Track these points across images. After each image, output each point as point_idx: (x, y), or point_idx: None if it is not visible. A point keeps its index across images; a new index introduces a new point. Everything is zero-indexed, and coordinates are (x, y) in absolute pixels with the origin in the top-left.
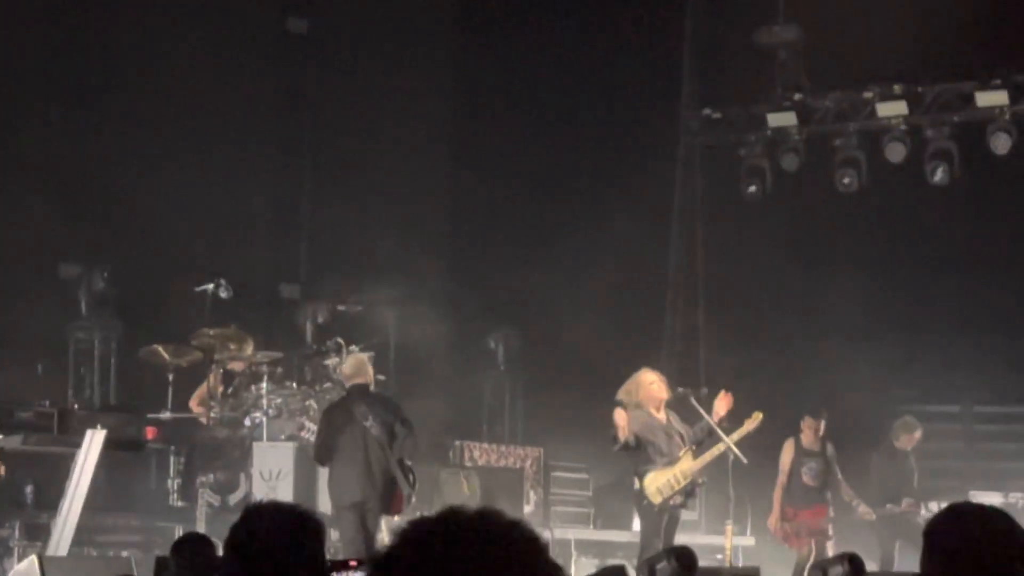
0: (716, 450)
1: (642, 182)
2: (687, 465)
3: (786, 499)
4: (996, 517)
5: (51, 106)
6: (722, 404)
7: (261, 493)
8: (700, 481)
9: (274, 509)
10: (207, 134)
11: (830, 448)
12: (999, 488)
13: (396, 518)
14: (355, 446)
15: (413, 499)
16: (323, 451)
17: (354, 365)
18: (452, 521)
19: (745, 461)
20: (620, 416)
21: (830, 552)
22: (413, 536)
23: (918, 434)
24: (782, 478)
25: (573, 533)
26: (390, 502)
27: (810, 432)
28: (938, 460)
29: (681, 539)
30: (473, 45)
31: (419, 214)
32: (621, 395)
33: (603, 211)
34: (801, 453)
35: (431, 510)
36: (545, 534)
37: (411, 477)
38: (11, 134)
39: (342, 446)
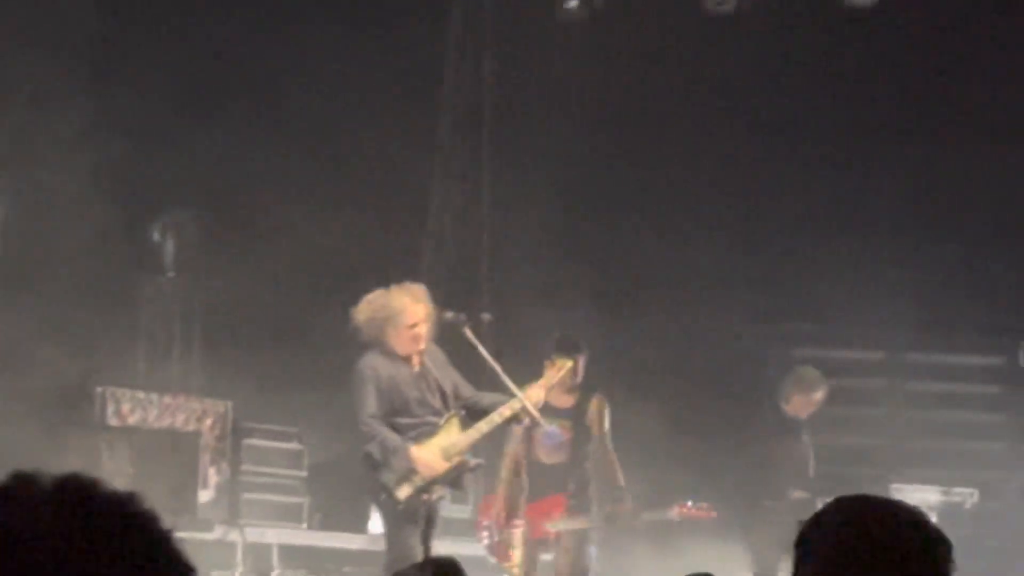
0: (498, 416)
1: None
2: (452, 438)
3: (508, 487)
4: (903, 519)
5: None
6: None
7: None
8: (472, 463)
9: None
10: None
11: (595, 405)
12: (937, 479)
13: None
14: None
15: None
16: None
17: None
18: (10, 495)
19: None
20: None
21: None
22: None
23: (819, 395)
24: (510, 450)
25: (276, 535)
26: None
27: (557, 378)
28: (851, 434)
29: (444, 547)
30: None
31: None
32: (361, 318)
33: (338, 41)
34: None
35: None
36: (233, 534)
37: None
38: None
39: None
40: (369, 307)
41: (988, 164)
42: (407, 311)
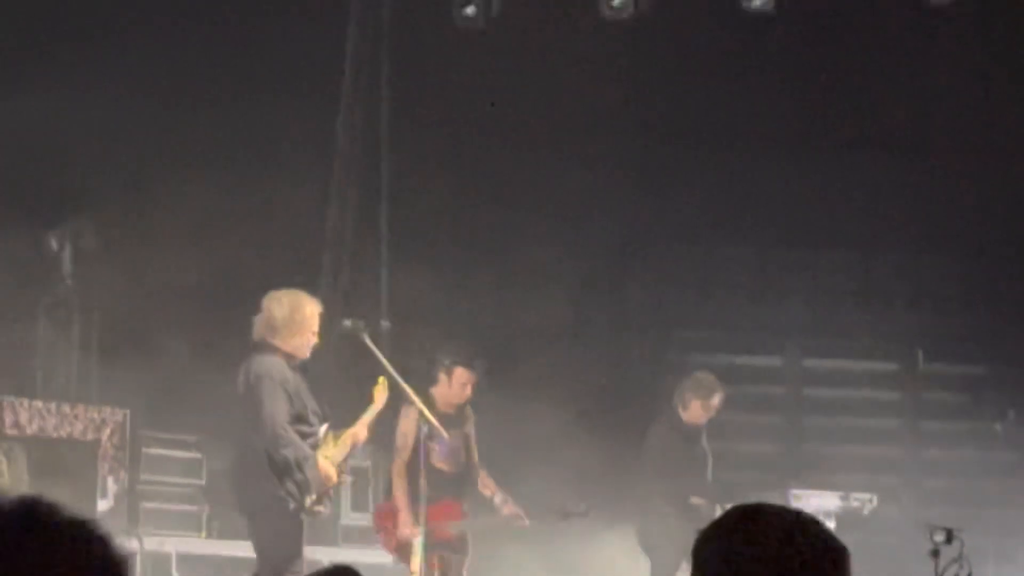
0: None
1: (299, 8)
2: (331, 451)
3: (405, 489)
4: (800, 528)
5: None
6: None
7: None
8: (345, 478)
9: None
10: None
11: (470, 414)
12: (836, 484)
13: None
14: None
15: None
16: None
17: None
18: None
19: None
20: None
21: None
22: None
23: (716, 400)
24: (401, 458)
25: (175, 544)
26: None
27: (458, 389)
28: (748, 440)
29: (348, 556)
30: None
31: None
32: (277, 315)
33: (242, 53)
34: (422, 418)
35: None
36: (131, 543)
37: None
38: None
39: None
40: (284, 306)
41: (882, 172)
42: (315, 317)
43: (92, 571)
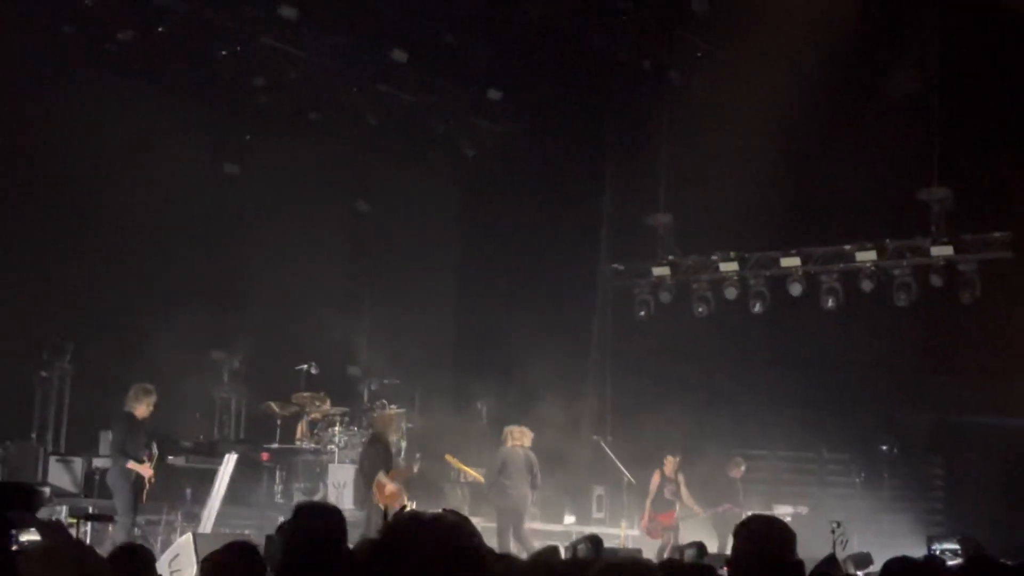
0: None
1: (576, 309)
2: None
3: (652, 508)
4: (774, 525)
5: (207, 251)
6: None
7: (333, 496)
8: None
9: (311, 506)
10: (298, 269)
11: (680, 476)
12: (792, 503)
13: None
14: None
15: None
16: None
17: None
18: (415, 520)
19: (634, 481)
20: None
21: (681, 540)
22: (398, 526)
23: (743, 468)
24: (650, 495)
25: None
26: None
27: (670, 464)
28: (755, 484)
29: (592, 529)
30: (473, 219)
31: (431, 328)
32: (529, 439)
33: (551, 327)
34: (663, 479)
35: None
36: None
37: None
38: (175, 263)
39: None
40: (525, 431)
41: (790, 379)
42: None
43: (464, 539)
